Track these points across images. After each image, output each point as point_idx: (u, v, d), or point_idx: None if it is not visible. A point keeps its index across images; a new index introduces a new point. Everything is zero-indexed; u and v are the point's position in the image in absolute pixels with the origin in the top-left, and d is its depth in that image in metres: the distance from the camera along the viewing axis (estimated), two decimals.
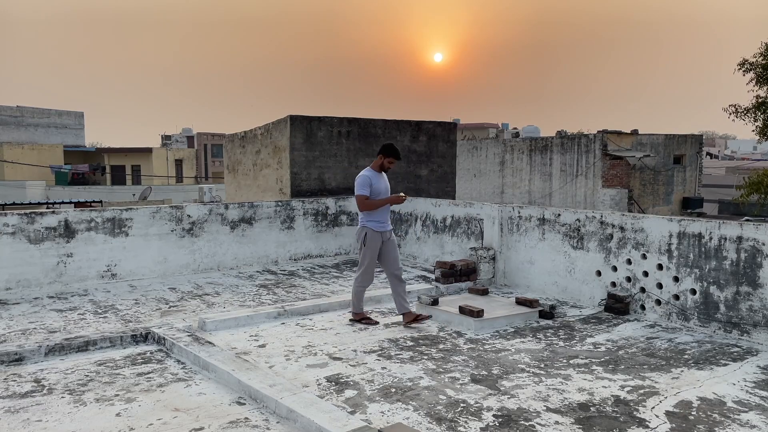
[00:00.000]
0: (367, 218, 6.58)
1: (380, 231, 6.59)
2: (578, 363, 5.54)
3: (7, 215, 8.08)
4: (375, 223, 6.57)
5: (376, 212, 6.56)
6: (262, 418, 4.45)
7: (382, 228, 6.60)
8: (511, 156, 28.40)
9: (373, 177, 6.58)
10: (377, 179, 6.59)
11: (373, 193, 6.53)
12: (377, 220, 6.58)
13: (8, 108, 41.07)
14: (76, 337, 5.95)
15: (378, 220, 6.58)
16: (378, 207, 6.53)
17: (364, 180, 6.53)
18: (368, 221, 6.58)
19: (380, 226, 6.59)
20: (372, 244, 6.56)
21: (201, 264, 9.39)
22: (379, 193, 6.57)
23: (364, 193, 6.51)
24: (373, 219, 6.57)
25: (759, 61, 19.13)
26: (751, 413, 4.50)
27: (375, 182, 6.54)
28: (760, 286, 6.12)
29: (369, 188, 6.52)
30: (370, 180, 6.53)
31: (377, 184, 6.56)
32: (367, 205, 6.52)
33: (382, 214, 6.61)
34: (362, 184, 6.52)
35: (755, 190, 19.07)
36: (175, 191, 34.11)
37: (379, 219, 6.59)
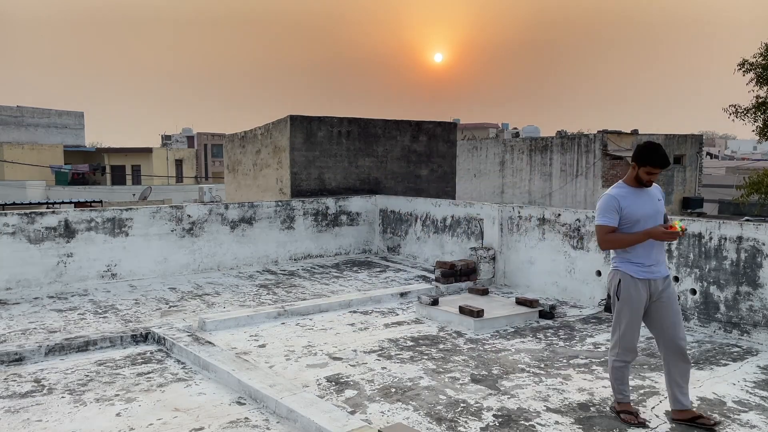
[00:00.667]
0: (620, 258, 4.42)
1: (643, 278, 4.35)
2: (578, 363, 5.54)
3: (7, 215, 8.08)
4: (631, 265, 4.37)
5: (635, 250, 4.35)
6: (262, 418, 4.45)
7: (647, 274, 4.35)
8: (511, 156, 28.40)
9: (627, 196, 4.36)
10: (633, 199, 4.36)
11: (625, 222, 4.33)
12: (635, 261, 4.36)
13: (8, 108, 41.05)
14: (76, 337, 5.95)
15: (636, 261, 4.36)
16: (631, 244, 4.32)
17: (607, 202, 4.36)
18: (622, 262, 4.40)
19: (644, 270, 4.35)
20: (629, 294, 4.34)
21: (201, 264, 9.39)
22: (638, 220, 4.32)
23: (605, 223, 4.35)
24: (629, 259, 4.38)
25: (759, 62, 19.12)
26: (751, 413, 4.50)
27: (627, 204, 4.33)
28: (760, 286, 6.12)
29: (616, 214, 4.33)
30: (617, 202, 4.33)
31: (631, 208, 4.33)
32: (609, 242, 4.37)
33: (646, 251, 4.35)
34: (605, 208, 4.37)
35: (755, 190, 19.07)
36: (175, 191, 34.09)
37: (640, 259, 4.36)
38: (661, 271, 4.38)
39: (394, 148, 12.64)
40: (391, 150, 12.62)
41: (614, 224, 4.33)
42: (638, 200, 4.36)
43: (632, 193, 4.37)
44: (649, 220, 4.33)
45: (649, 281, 4.34)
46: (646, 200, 4.38)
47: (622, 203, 4.32)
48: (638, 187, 4.39)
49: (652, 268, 4.35)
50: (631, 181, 4.40)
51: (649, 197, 4.39)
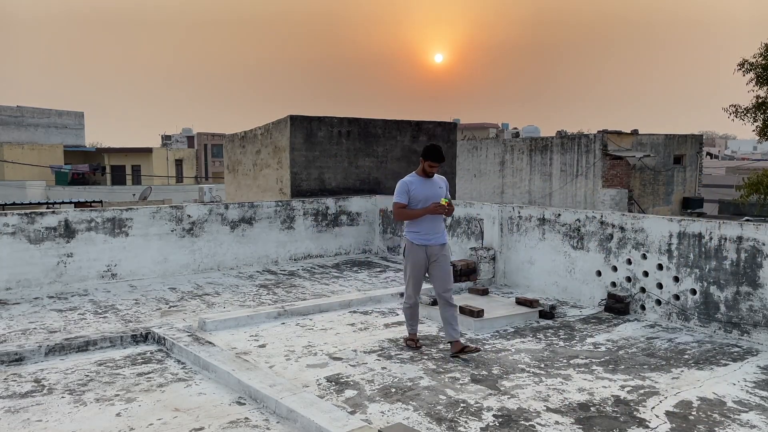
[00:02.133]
0: (407, 229, 5.90)
1: (422, 244, 5.78)
2: (578, 363, 5.54)
3: (7, 215, 8.08)
4: (415, 234, 5.81)
5: (418, 223, 5.78)
6: (262, 418, 4.45)
7: (424, 241, 5.78)
8: (511, 156, 28.39)
9: (415, 182, 5.80)
10: (420, 185, 5.79)
11: (413, 201, 5.76)
12: (417, 231, 5.80)
13: (8, 108, 41.04)
14: (76, 337, 5.95)
15: (418, 231, 5.79)
16: (414, 217, 5.77)
17: (400, 186, 5.84)
18: (408, 232, 5.87)
19: (421, 238, 5.79)
20: (412, 257, 5.81)
21: (201, 264, 9.39)
22: (419, 201, 5.76)
23: (400, 201, 5.79)
24: (413, 230, 5.82)
25: (759, 62, 19.12)
26: (751, 413, 4.50)
27: (415, 188, 5.76)
28: (760, 286, 6.12)
29: (407, 195, 5.77)
30: (407, 186, 5.79)
31: (418, 191, 5.76)
32: (401, 214, 5.82)
33: (425, 224, 5.79)
34: (399, 190, 5.83)
35: (755, 190, 19.06)
36: (175, 191, 34.08)
37: (420, 230, 5.79)
38: (435, 240, 5.81)
39: (394, 148, 12.64)
40: (391, 150, 12.62)
41: (405, 202, 5.78)
42: (424, 186, 5.80)
43: (420, 181, 5.83)
44: (428, 202, 5.73)
45: (426, 247, 5.78)
46: (429, 187, 5.81)
47: (410, 187, 5.78)
48: (424, 176, 5.84)
49: (429, 237, 5.79)
50: (420, 172, 5.86)
51: (431, 185, 5.83)
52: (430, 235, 5.80)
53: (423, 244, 5.77)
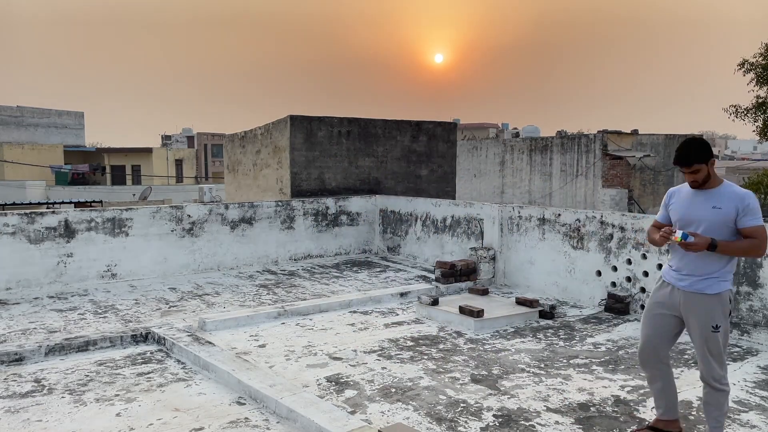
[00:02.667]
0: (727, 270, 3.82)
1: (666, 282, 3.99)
2: (578, 363, 5.54)
3: (7, 215, 8.08)
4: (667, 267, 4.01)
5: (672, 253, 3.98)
6: (262, 418, 4.45)
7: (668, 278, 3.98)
8: (511, 156, 28.39)
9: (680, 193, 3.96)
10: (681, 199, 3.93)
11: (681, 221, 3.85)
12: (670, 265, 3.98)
13: (8, 108, 41.03)
14: (76, 337, 5.95)
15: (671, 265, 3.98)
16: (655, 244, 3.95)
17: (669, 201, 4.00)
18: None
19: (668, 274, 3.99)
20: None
21: (201, 264, 9.39)
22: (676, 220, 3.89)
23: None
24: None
25: (759, 62, 19.14)
26: (751, 413, 4.50)
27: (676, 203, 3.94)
28: (760, 286, 6.12)
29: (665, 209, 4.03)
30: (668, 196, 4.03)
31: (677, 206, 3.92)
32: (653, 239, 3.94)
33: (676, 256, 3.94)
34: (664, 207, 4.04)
35: (755, 190, 19.09)
36: (175, 191, 34.07)
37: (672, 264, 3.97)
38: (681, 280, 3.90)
39: (394, 148, 12.64)
40: (391, 150, 12.61)
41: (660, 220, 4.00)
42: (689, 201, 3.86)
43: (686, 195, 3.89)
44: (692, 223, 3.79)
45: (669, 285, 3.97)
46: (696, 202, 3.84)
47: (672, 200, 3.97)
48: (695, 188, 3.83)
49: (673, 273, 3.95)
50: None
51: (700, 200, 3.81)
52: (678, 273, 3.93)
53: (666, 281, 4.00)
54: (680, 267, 3.86)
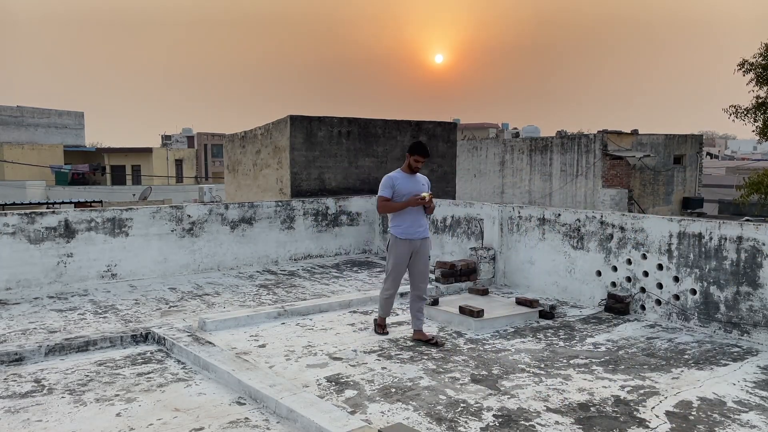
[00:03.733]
0: (391, 224, 6.12)
1: (405, 238, 6.02)
2: (578, 363, 5.54)
3: (7, 215, 8.08)
4: (398, 228, 6.05)
5: (400, 217, 6.02)
6: (262, 418, 4.45)
7: (407, 235, 6.02)
8: (511, 156, 28.39)
9: (399, 178, 6.05)
10: (404, 180, 6.05)
11: (396, 195, 6.00)
12: (400, 225, 6.04)
13: (8, 108, 41.04)
14: (76, 337, 5.95)
15: (401, 225, 6.03)
16: (396, 210, 6.00)
17: (385, 181, 6.08)
18: (392, 226, 6.10)
19: (404, 232, 6.03)
20: (395, 250, 6.06)
21: (201, 264, 9.39)
22: (403, 195, 5.99)
23: (383, 194, 6.03)
24: (396, 224, 6.05)
25: (759, 62, 19.12)
26: (751, 413, 4.50)
27: (399, 183, 6.01)
28: (760, 286, 6.12)
29: (391, 189, 6.01)
30: (392, 181, 6.03)
31: (402, 186, 6.01)
32: (384, 207, 6.07)
33: (408, 218, 6.02)
34: (383, 184, 6.08)
35: (755, 190, 19.07)
36: (175, 191, 34.09)
37: (403, 224, 6.03)
38: (418, 234, 6.05)
39: (394, 148, 12.63)
40: (391, 150, 12.61)
41: (389, 196, 6.01)
42: (409, 181, 6.05)
43: (405, 177, 6.08)
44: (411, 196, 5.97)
45: (409, 241, 6.03)
46: (414, 182, 6.06)
47: (396, 182, 6.01)
48: (410, 173, 6.10)
49: (411, 232, 6.02)
50: (405, 168, 6.11)
51: (416, 181, 6.08)
52: (413, 229, 6.04)
53: (406, 238, 6.03)
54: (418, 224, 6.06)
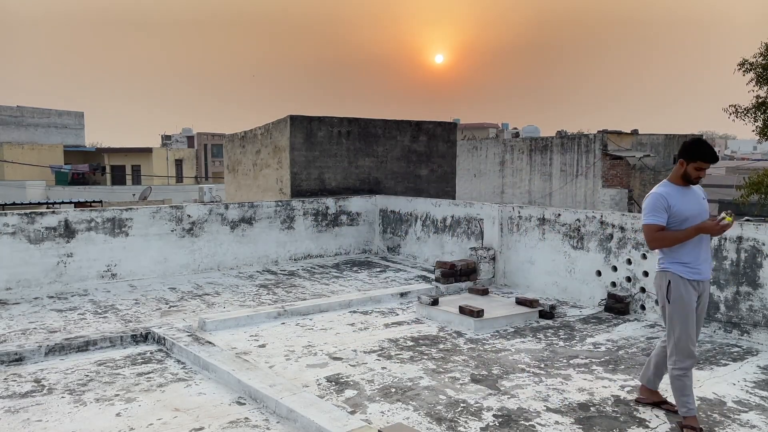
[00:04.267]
0: (668, 259, 4.30)
1: (694, 280, 4.26)
2: (578, 363, 5.54)
3: (7, 215, 8.08)
4: (684, 267, 4.25)
5: (686, 250, 4.24)
6: (262, 418, 4.45)
7: (696, 275, 4.25)
8: (511, 156, 28.40)
9: (674, 194, 4.26)
10: (680, 197, 4.26)
11: (674, 220, 4.22)
12: (687, 262, 4.25)
13: (8, 108, 41.03)
14: (76, 337, 5.95)
15: (688, 262, 4.25)
16: (682, 241, 4.21)
17: (655, 201, 4.25)
18: (671, 263, 4.28)
19: (693, 271, 4.25)
20: (682, 297, 4.22)
21: (201, 264, 9.39)
22: (686, 218, 4.21)
23: (656, 222, 4.22)
24: (681, 261, 4.25)
25: (759, 61, 19.10)
26: (751, 413, 4.50)
27: (675, 203, 4.23)
28: (760, 286, 6.12)
29: (665, 212, 4.22)
30: (666, 201, 4.22)
31: (680, 206, 4.23)
32: (659, 239, 4.24)
33: (696, 251, 4.26)
34: (652, 206, 4.25)
35: (755, 190, 19.05)
36: (175, 191, 34.08)
37: (691, 260, 4.25)
38: (708, 270, 4.32)
39: (394, 148, 12.64)
40: (391, 150, 12.62)
41: (663, 223, 4.22)
42: (687, 198, 4.27)
43: (679, 192, 4.28)
44: (697, 219, 4.21)
45: (698, 282, 4.27)
46: (693, 198, 4.30)
47: (670, 201, 4.23)
48: (684, 185, 4.31)
49: (701, 267, 4.26)
50: (677, 180, 4.31)
51: (695, 195, 4.31)
52: (702, 266, 4.28)
53: (696, 279, 4.25)
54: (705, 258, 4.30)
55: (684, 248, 4.23)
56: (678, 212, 4.21)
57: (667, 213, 4.21)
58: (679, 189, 4.29)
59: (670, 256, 4.27)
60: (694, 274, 4.23)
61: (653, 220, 4.22)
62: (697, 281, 4.25)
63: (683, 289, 4.21)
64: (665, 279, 4.27)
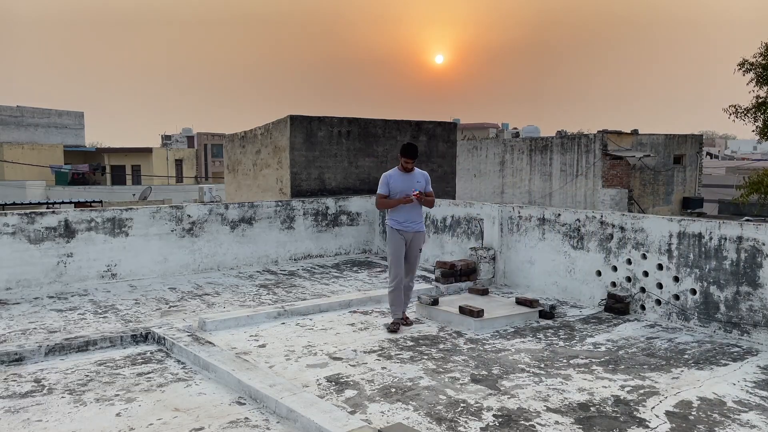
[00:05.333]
0: (388, 216, 6.74)
1: (399, 229, 6.62)
2: (578, 363, 5.54)
3: (7, 215, 8.08)
4: (393, 221, 6.65)
5: (396, 211, 6.64)
6: (262, 418, 4.45)
7: (401, 227, 6.62)
8: (511, 156, 28.39)
9: (395, 176, 6.67)
10: (399, 178, 6.65)
11: (392, 193, 6.63)
12: (395, 218, 6.65)
13: (8, 108, 41.03)
14: (76, 337, 5.95)
15: (396, 218, 6.64)
16: (390, 207, 6.66)
17: (382, 179, 6.71)
18: (388, 219, 6.71)
19: (399, 225, 6.62)
20: (392, 240, 6.64)
21: (201, 264, 9.39)
22: (397, 192, 6.61)
23: (380, 192, 6.68)
24: (392, 217, 6.67)
25: (759, 62, 19.11)
26: (751, 413, 4.50)
27: (394, 181, 6.62)
28: (760, 286, 6.12)
29: (387, 187, 6.63)
30: (388, 179, 6.65)
31: (396, 184, 6.61)
32: (381, 203, 6.74)
33: (403, 213, 6.63)
34: (380, 182, 6.71)
35: (755, 190, 19.06)
36: (175, 191, 34.07)
37: (398, 218, 6.64)
38: (411, 227, 6.62)
39: (394, 148, 12.63)
40: (391, 150, 12.61)
41: (385, 193, 6.62)
42: (403, 180, 6.63)
43: (399, 175, 6.66)
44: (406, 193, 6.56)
45: (403, 232, 6.60)
46: (407, 180, 6.62)
47: (391, 180, 6.61)
48: (404, 171, 6.67)
49: (405, 224, 6.60)
50: (400, 168, 6.69)
51: (409, 179, 6.64)
52: (407, 223, 6.63)
53: (399, 229, 6.61)
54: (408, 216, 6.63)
55: (396, 211, 6.63)
56: (393, 188, 6.60)
57: (388, 187, 6.61)
58: (400, 173, 6.68)
59: (390, 215, 6.70)
60: (399, 227, 6.61)
61: (380, 191, 6.67)
62: (401, 230, 6.59)
63: (392, 234, 6.63)
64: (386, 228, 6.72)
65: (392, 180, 6.64)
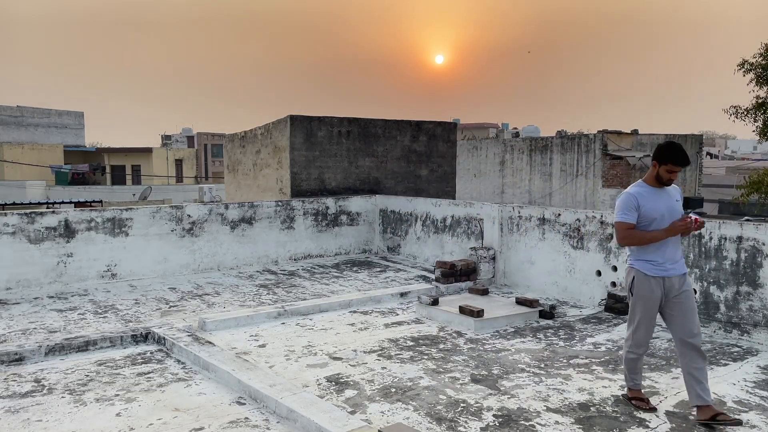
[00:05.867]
0: (635, 257, 4.56)
1: (658, 276, 4.46)
2: (578, 363, 5.54)
3: (7, 215, 8.08)
4: (648, 264, 4.48)
5: (653, 249, 4.47)
6: (262, 418, 4.45)
7: (661, 272, 4.46)
8: (511, 156, 28.40)
9: (645, 194, 4.49)
10: (652, 197, 4.48)
11: (643, 219, 4.44)
12: (651, 259, 4.47)
13: (8, 108, 41.03)
14: (76, 337, 5.95)
15: (653, 259, 4.47)
16: (651, 241, 4.43)
17: (626, 200, 4.48)
18: (636, 260, 4.54)
19: (656, 268, 4.46)
20: (642, 293, 4.49)
21: (201, 264, 9.39)
22: (654, 218, 4.44)
23: (626, 220, 4.45)
24: (645, 258, 4.49)
25: (759, 62, 19.10)
26: (751, 413, 4.50)
27: (645, 202, 4.45)
28: (760, 286, 6.12)
29: (635, 212, 4.44)
30: (635, 199, 4.45)
31: (650, 205, 4.45)
32: (629, 237, 4.47)
33: (663, 249, 4.47)
34: (624, 205, 4.48)
35: (755, 190, 19.06)
36: (175, 191, 34.06)
37: (656, 258, 4.47)
38: (676, 268, 4.48)
39: (394, 148, 12.64)
40: (391, 150, 12.62)
41: (633, 221, 4.45)
42: (658, 199, 4.48)
43: (651, 192, 4.49)
44: (665, 219, 4.43)
45: (664, 279, 4.45)
46: (665, 199, 4.50)
47: (640, 201, 4.45)
48: (657, 186, 4.52)
49: (666, 265, 4.46)
50: (651, 180, 4.52)
51: (668, 196, 4.52)
52: (668, 264, 4.47)
53: (659, 276, 4.45)
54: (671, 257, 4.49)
55: (649, 247, 4.47)
56: (647, 212, 4.43)
57: (637, 212, 4.44)
58: (651, 190, 4.51)
59: (637, 254, 4.55)
60: (657, 272, 4.46)
61: (624, 218, 4.46)
62: (662, 278, 4.46)
63: (646, 285, 4.47)
64: (631, 275, 4.57)
65: (642, 200, 4.45)
